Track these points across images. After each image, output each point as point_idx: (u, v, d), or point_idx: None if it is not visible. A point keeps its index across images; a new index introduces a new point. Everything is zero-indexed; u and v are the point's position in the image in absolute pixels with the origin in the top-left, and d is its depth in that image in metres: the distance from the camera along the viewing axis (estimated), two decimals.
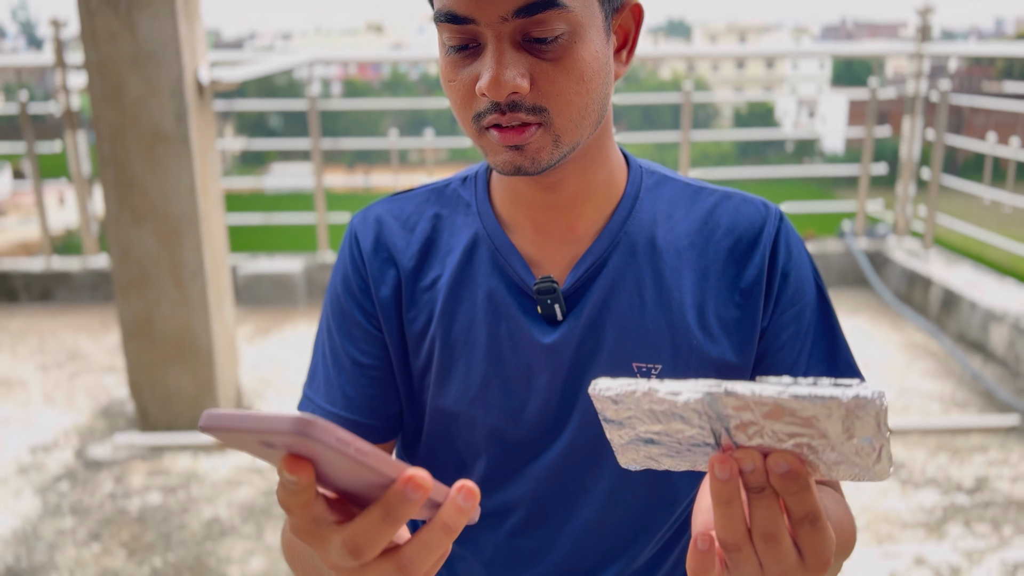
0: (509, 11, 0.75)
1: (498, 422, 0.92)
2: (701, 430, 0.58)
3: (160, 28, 2.74)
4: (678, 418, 0.58)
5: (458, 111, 0.84)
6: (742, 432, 0.57)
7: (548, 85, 0.78)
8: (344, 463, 0.49)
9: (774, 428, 0.55)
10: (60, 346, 4.03)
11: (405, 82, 55.34)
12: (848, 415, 0.53)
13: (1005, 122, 14.61)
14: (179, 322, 3.00)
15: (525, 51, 0.78)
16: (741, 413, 0.56)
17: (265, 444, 0.50)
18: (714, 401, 0.56)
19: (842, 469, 0.57)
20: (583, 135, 0.83)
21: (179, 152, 2.85)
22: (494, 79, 0.76)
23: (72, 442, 3.10)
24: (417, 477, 0.50)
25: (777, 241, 0.93)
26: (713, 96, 17.17)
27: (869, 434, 0.54)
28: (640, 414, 0.60)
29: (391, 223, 0.98)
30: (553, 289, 0.89)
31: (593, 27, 0.80)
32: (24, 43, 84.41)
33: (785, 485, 0.56)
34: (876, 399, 0.52)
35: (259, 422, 0.48)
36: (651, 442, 0.62)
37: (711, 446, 0.59)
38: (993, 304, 3.73)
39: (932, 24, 4.55)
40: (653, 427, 0.60)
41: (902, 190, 4.80)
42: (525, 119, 0.79)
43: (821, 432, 0.54)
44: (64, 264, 4.65)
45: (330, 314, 0.99)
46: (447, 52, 0.81)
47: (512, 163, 0.81)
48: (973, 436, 3.04)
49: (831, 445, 0.55)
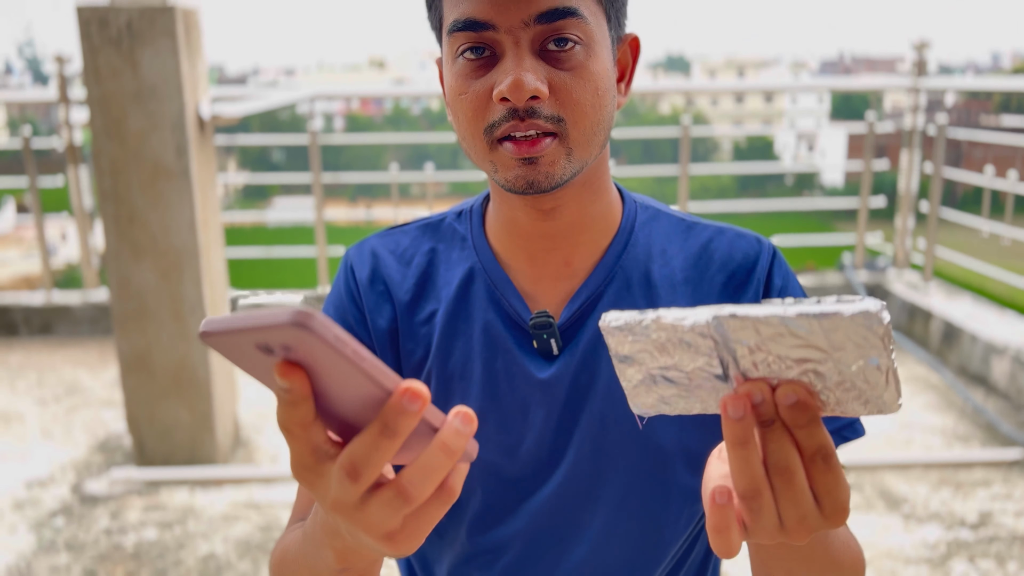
0: (531, 16, 0.76)
1: (493, 458, 0.92)
2: (709, 359, 0.58)
3: (162, 64, 2.77)
4: (685, 345, 0.58)
5: (468, 125, 0.82)
6: (748, 360, 0.56)
7: (565, 94, 0.79)
8: (340, 371, 0.48)
9: (780, 352, 0.55)
10: (59, 380, 4.02)
11: (407, 117, 55.77)
12: (852, 330, 0.52)
13: (1003, 155, 14.69)
14: (178, 356, 3.00)
15: (542, 60, 0.79)
16: (746, 337, 0.55)
17: (262, 349, 0.48)
18: (719, 324, 0.55)
19: (851, 401, 0.56)
20: (592, 153, 0.83)
21: (180, 186, 2.87)
22: (516, 82, 0.76)
23: (68, 477, 3.08)
24: (414, 387, 0.49)
25: (771, 276, 0.94)
26: (712, 130, 17.30)
27: (874, 354, 0.53)
28: (649, 345, 0.59)
29: (387, 257, 0.97)
30: (549, 324, 0.89)
31: (604, 45, 0.82)
32: (30, 79, 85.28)
33: (794, 417, 0.55)
34: (879, 312, 0.51)
35: (257, 319, 0.46)
36: (662, 379, 0.61)
37: (719, 378, 0.59)
38: (994, 337, 3.72)
39: (928, 59, 4.60)
40: (662, 360, 0.60)
41: (901, 223, 4.81)
42: (543, 127, 0.79)
43: (827, 354, 0.53)
44: (64, 298, 4.65)
45: None
46: (459, 60, 0.81)
47: (525, 178, 0.81)
48: (976, 470, 3.02)
49: (837, 369, 0.54)
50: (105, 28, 2.74)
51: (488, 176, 0.87)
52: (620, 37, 0.86)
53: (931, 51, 4.60)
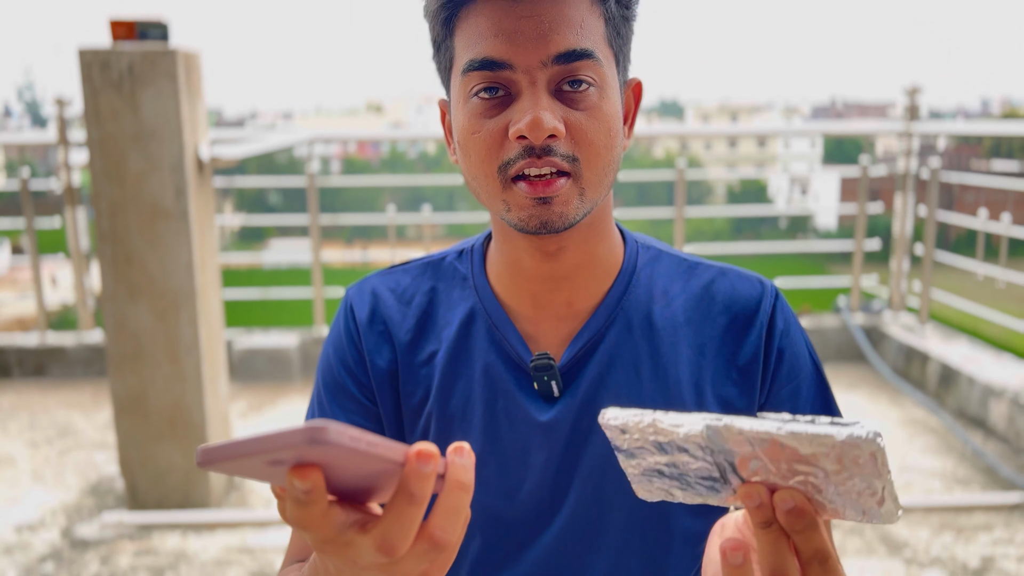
0: (549, 56, 0.77)
1: (493, 501, 0.90)
2: (706, 463, 0.59)
3: (162, 106, 2.79)
4: (682, 450, 0.59)
5: (481, 163, 0.82)
6: (745, 467, 0.57)
7: (580, 134, 0.80)
8: (353, 461, 0.49)
9: (776, 464, 0.55)
10: (51, 422, 3.98)
11: (404, 160, 56.16)
12: (844, 454, 0.53)
13: (995, 199, 14.81)
14: (172, 397, 2.98)
15: (557, 100, 0.80)
16: (741, 448, 0.56)
17: (273, 463, 0.49)
18: (714, 434, 0.56)
19: (848, 510, 0.56)
20: (602, 193, 0.84)
21: (178, 227, 2.87)
22: (534, 120, 0.77)
23: (59, 521, 3.04)
24: (423, 450, 0.50)
25: (774, 318, 0.93)
26: (706, 173, 17.36)
27: (867, 473, 0.53)
28: (647, 444, 0.60)
29: (387, 296, 0.97)
30: (550, 366, 0.89)
31: (615, 89, 0.83)
32: (29, 122, 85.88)
33: (792, 522, 0.56)
34: (872, 438, 0.52)
35: (267, 443, 0.47)
36: (662, 474, 0.62)
37: (718, 481, 0.59)
38: (991, 379, 3.71)
39: (920, 104, 4.65)
40: (660, 458, 0.61)
41: (896, 265, 4.83)
42: (559, 165, 0.79)
43: (822, 470, 0.54)
44: (58, 339, 4.63)
45: (322, 385, 0.98)
46: (472, 100, 0.81)
47: (539, 218, 0.81)
48: (977, 514, 2.99)
49: (832, 483, 0.55)
50: (107, 71, 2.76)
51: (496, 216, 0.87)
52: (625, 81, 0.88)
53: (922, 96, 4.66)
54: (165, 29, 2.85)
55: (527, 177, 0.80)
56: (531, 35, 0.77)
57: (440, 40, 0.85)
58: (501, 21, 0.78)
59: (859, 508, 0.56)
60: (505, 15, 0.78)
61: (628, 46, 0.86)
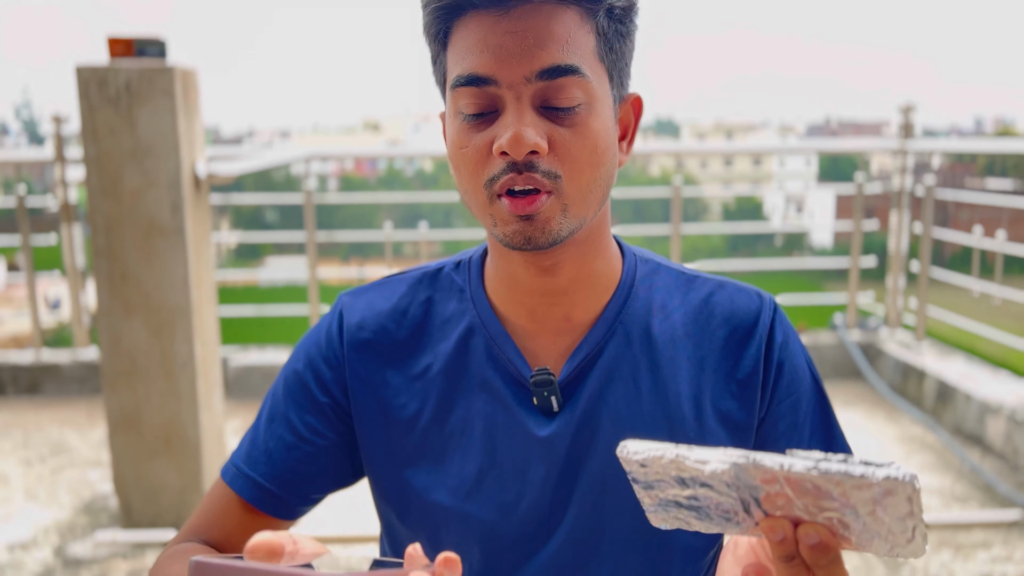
0: (533, 72, 0.77)
1: (492, 517, 0.90)
2: (729, 498, 0.58)
3: (160, 123, 2.79)
4: (706, 486, 0.58)
5: (469, 178, 0.83)
6: (771, 503, 0.56)
7: (564, 152, 0.79)
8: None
9: (804, 501, 0.54)
10: (45, 440, 3.96)
11: (401, 178, 56.27)
12: (879, 495, 0.52)
13: (989, 216, 14.88)
14: (167, 415, 2.96)
15: (543, 116, 0.79)
16: (769, 485, 0.55)
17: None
18: (741, 472, 0.55)
19: (875, 544, 0.55)
20: (590, 210, 0.83)
21: (174, 244, 2.87)
22: (516, 136, 0.77)
23: (52, 539, 3.01)
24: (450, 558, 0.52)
25: (773, 331, 0.93)
26: (702, 191, 17.47)
27: (902, 514, 0.53)
28: (668, 479, 0.59)
29: (382, 305, 0.96)
30: (550, 381, 0.88)
31: (605, 105, 0.82)
32: (26, 140, 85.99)
33: (815, 557, 0.55)
34: (909, 481, 0.51)
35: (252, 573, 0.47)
36: (680, 506, 0.61)
37: (739, 514, 0.59)
38: (988, 396, 3.71)
39: (914, 122, 4.68)
40: (681, 492, 0.60)
41: (892, 282, 4.84)
42: (540, 182, 0.79)
43: (853, 509, 0.53)
44: (53, 356, 4.61)
45: (282, 379, 0.97)
46: (461, 121, 0.82)
47: (522, 234, 0.81)
48: (975, 532, 2.98)
49: (862, 521, 0.54)
50: (104, 88, 2.77)
51: (487, 230, 0.87)
52: (623, 96, 0.87)
53: (916, 115, 4.68)
54: (163, 47, 2.86)
55: (511, 193, 0.80)
56: (515, 50, 0.77)
57: (435, 55, 0.86)
58: (487, 37, 0.78)
59: (887, 544, 0.55)
60: (491, 31, 0.78)
61: (624, 61, 0.85)
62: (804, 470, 0.53)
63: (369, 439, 0.93)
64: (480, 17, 0.78)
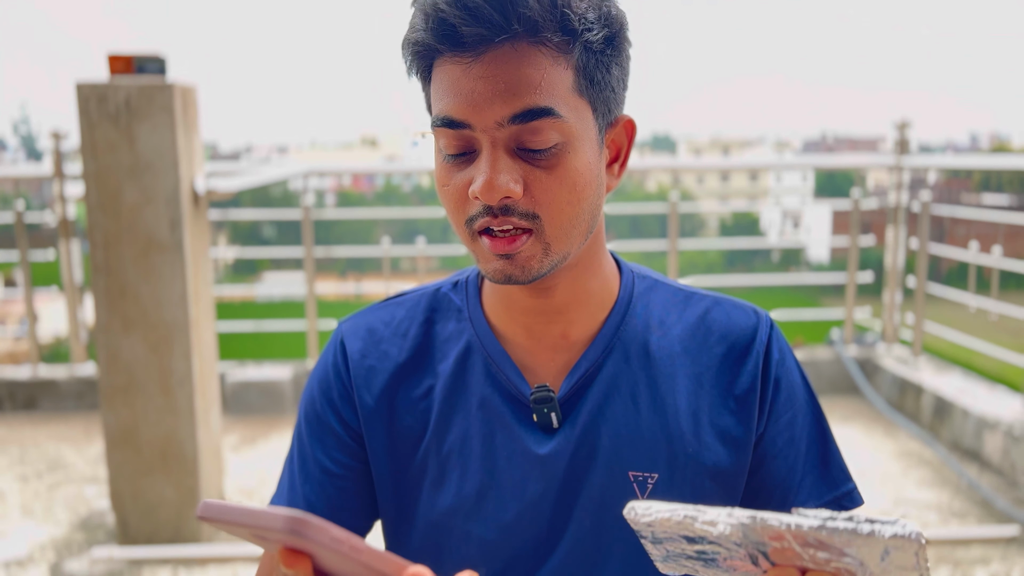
0: (504, 117, 0.77)
1: (492, 536, 0.90)
2: (737, 554, 0.59)
3: (158, 139, 2.81)
4: (714, 543, 0.60)
5: (451, 215, 0.84)
6: (778, 556, 0.57)
7: (541, 192, 0.79)
8: (340, 559, 0.49)
9: (810, 553, 0.56)
10: (41, 456, 3.95)
11: (398, 194, 56.30)
12: (887, 552, 0.53)
13: (985, 232, 14.91)
14: (164, 430, 2.96)
15: (519, 158, 0.79)
16: (778, 541, 0.56)
17: (259, 537, 0.51)
18: (749, 532, 0.57)
19: None
20: (573, 245, 0.83)
21: (172, 260, 2.87)
22: (487, 183, 0.77)
23: (48, 556, 3.00)
24: (420, 573, 0.50)
25: (769, 348, 0.93)
26: (699, 207, 17.52)
27: (907, 566, 0.54)
28: (677, 537, 0.61)
29: (381, 330, 0.97)
30: (550, 398, 0.88)
31: (587, 139, 0.81)
32: (24, 156, 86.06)
33: None
34: (915, 539, 0.52)
35: (252, 517, 0.48)
36: (689, 557, 0.63)
37: (748, 566, 0.60)
38: (985, 412, 3.71)
39: (909, 138, 4.70)
40: (689, 547, 0.61)
41: (889, 298, 4.85)
42: (517, 223, 0.79)
43: (859, 561, 0.55)
44: (50, 372, 4.60)
45: (303, 419, 0.97)
46: (443, 159, 0.82)
47: (503, 272, 0.82)
48: (974, 547, 2.97)
49: (869, 572, 0.55)
50: (104, 104, 2.78)
51: None
52: (611, 122, 0.85)
53: (912, 131, 4.71)
54: (162, 63, 2.88)
55: (491, 232, 0.81)
56: (487, 96, 0.77)
57: (422, 86, 0.86)
58: (459, 81, 0.78)
59: None
60: (463, 75, 0.77)
61: (610, 88, 0.83)
62: (810, 530, 0.54)
63: (377, 463, 0.94)
64: (452, 60, 0.78)
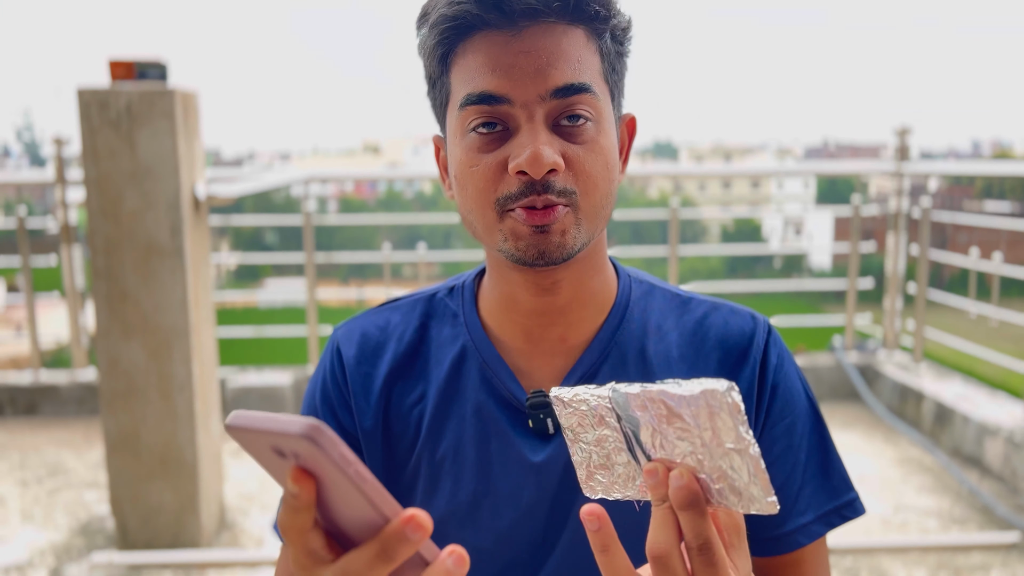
0: (548, 90, 0.78)
1: (487, 543, 0.89)
2: (616, 433, 0.63)
3: (159, 145, 2.81)
4: (599, 419, 0.63)
5: (478, 196, 0.82)
6: (649, 441, 0.60)
7: (579, 168, 0.80)
8: (344, 488, 0.50)
9: (667, 434, 0.58)
10: (42, 461, 3.95)
11: (400, 200, 56.35)
12: (707, 408, 0.55)
13: (987, 239, 14.91)
14: (164, 436, 2.96)
15: (555, 134, 0.80)
16: (638, 409, 0.59)
17: (277, 452, 0.51)
18: (618, 396, 0.60)
19: (728, 493, 0.58)
20: (599, 226, 0.84)
21: (173, 265, 2.88)
22: (534, 155, 0.77)
23: (48, 561, 3.00)
24: (418, 517, 0.50)
25: (767, 353, 0.93)
26: (700, 213, 17.50)
27: (731, 437, 0.55)
28: (580, 418, 0.65)
29: (376, 335, 0.96)
30: (546, 404, 0.88)
31: (611, 123, 0.84)
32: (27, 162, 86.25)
33: (680, 499, 0.57)
34: (723, 390, 0.54)
35: (273, 424, 0.49)
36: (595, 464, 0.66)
37: (630, 456, 0.63)
38: (986, 418, 3.70)
39: (910, 144, 4.70)
40: (589, 435, 0.65)
41: (889, 304, 4.85)
42: (555, 201, 0.79)
43: (697, 435, 0.56)
44: (51, 377, 4.61)
45: None
46: (470, 134, 0.81)
47: (537, 247, 0.81)
48: (974, 554, 2.97)
49: (709, 454, 0.57)
50: (105, 110, 2.79)
51: (492, 249, 0.86)
52: (620, 116, 0.88)
53: (913, 137, 4.71)
54: (163, 69, 2.89)
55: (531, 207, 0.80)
56: (529, 70, 0.78)
57: (436, 76, 0.86)
58: (499, 56, 0.78)
59: (735, 488, 0.57)
60: (502, 50, 0.78)
61: (623, 81, 0.87)
62: (653, 387, 0.57)
63: (375, 469, 0.93)
64: (490, 37, 0.79)
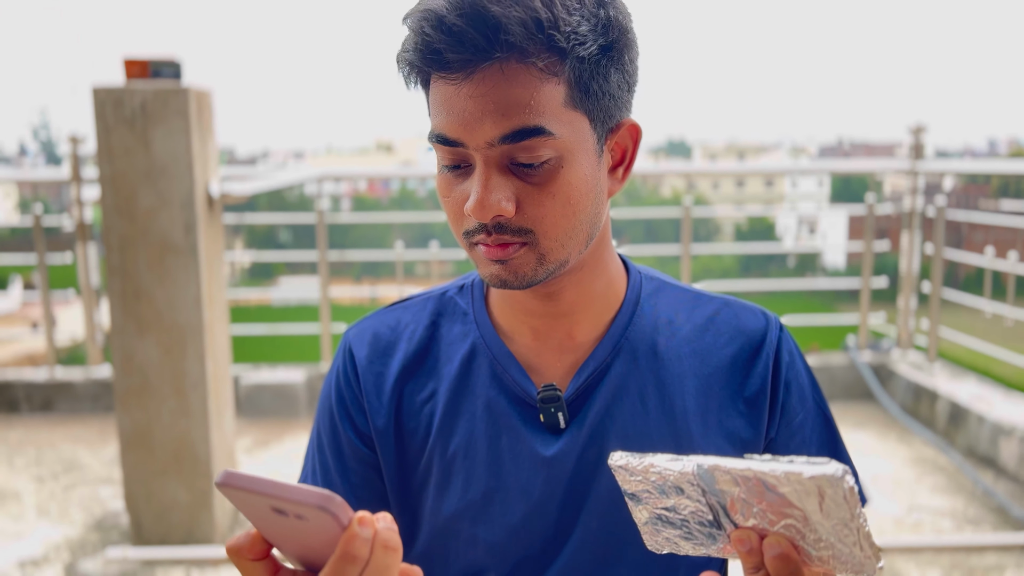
0: (495, 137, 0.76)
1: (499, 538, 0.90)
2: (700, 505, 0.62)
3: (174, 143, 2.83)
4: (678, 491, 0.63)
5: (451, 225, 0.86)
6: (736, 511, 0.59)
7: (533, 208, 0.79)
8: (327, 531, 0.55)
9: (762, 506, 0.58)
10: (57, 457, 3.98)
11: (413, 198, 56.42)
12: (817, 492, 0.55)
13: (1003, 238, 14.80)
14: (178, 432, 2.98)
15: (512, 174, 0.79)
16: (730, 488, 0.59)
17: (276, 511, 0.53)
18: (704, 473, 0.60)
19: (831, 559, 0.58)
20: (571, 253, 0.83)
21: (187, 263, 2.89)
22: (479, 202, 0.78)
23: (63, 556, 3.03)
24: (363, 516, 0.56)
25: (779, 350, 0.93)
26: (714, 211, 17.43)
27: (843, 515, 0.55)
28: (650, 487, 0.64)
29: (387, 335, 0.97)
30: (557, 397, 0.89)
31: (582, 151, 0.80)
32: (43, 160, 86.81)
33: (778, 567, 0.58)
34: (839, 475, 0.54)
35: (281, 490, 0.52)
36: (666, 521, 0.66)
37: (712, 524, 0.62)
38: (1001, 418, 3.68)
39: (925, 143, 4.68)
40: (662, 501, 0.64)
41: (904, 303, 4.82)
42: (510, 240, 0.80)
43: (801, 511, 0.56)
44: (67, 374, 4.65)
45: (321, 429, 0.98)
46: (441, 170, 0.83)
47: (499, 276, 0.83)
48: (988, 554, 2.95)
49: (812, 527, 0.56)
50: (120, 108, 2.81)
51: None
52: (613, 127, 0.84)
53: (928, 135, 4.68)
54: (178, 68, 2.90)
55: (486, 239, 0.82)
56: (477, 116, 0.76)
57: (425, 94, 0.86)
58: (451, 101, 0.77)
59: (840, 556, 0.58)
60: (454, 95, 0.77)
61: (610, 94, 0.81)
62: (752, 467, 0.57)
63: (388, 468, 0.94)
64: (441, 82, 0.78)
